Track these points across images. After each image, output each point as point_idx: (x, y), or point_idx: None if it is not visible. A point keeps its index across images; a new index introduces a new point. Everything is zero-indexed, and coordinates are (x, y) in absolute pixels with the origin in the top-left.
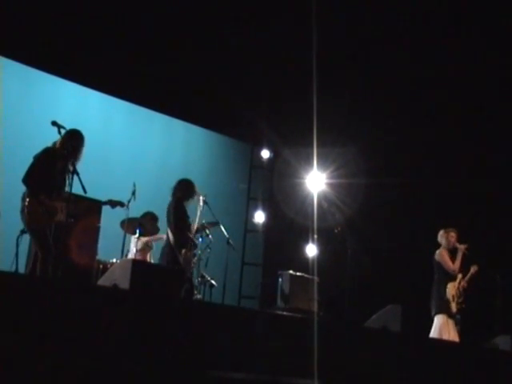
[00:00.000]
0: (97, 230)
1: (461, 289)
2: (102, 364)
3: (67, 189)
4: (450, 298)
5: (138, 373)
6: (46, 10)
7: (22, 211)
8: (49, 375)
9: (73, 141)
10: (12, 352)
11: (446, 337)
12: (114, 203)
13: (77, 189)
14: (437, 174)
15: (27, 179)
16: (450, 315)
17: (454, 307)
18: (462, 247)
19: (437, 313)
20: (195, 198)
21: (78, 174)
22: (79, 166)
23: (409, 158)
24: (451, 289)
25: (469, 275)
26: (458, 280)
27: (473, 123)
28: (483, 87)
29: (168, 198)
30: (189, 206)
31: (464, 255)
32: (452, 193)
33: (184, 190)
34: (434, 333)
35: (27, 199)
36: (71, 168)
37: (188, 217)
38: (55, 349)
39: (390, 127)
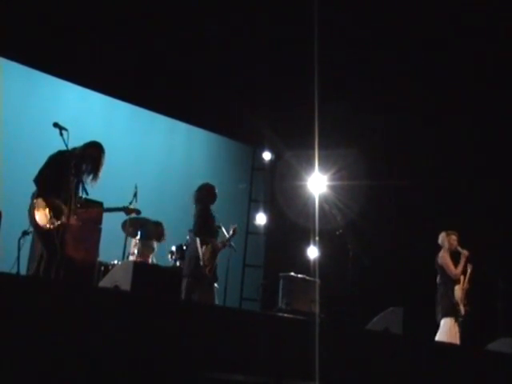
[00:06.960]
0: (99, 231)
1: (465, 291)
2: (103, 365)
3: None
4: (459, 301)
5: (139, 374)
6: (47, 11)
7: (30, 210)
8: (50, 376)
9: (95, 153)
10: (13, 354)
11: (453, 341)
12: (129, 211)
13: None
14: (438, 176)
15: (38, 179)
16: (458, 318)
17: (462, 310)
18: (465, 253)
19: (444, 316)
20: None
21: (80, 176)
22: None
23: (410, 160)
24: (458, 291)
25: (467, 276)
26: (461, 282)
27: (475, 124)
28: (485, 87)
29: (170, 200)
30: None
31: (466, 260)
32: (454, 194)
33: (208, 195)
34: (441, 336)
35: (35, 199)
36: (73, 171)
37: (214, 221)
38: (56, 350)
39: (391, 129)
